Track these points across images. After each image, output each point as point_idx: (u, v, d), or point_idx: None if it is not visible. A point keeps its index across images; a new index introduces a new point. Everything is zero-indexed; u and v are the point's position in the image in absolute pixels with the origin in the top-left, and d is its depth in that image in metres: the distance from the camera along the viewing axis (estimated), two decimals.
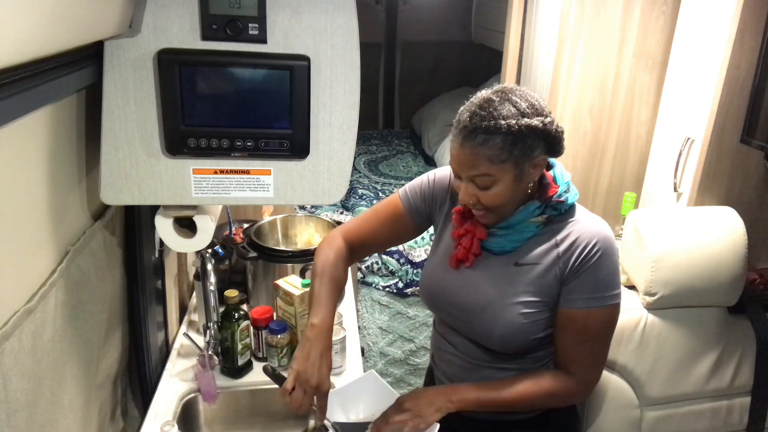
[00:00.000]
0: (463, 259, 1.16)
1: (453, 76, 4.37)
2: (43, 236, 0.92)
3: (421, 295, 1.30)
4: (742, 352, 1.58)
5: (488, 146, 1.00)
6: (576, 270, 1.08)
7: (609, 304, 1.09)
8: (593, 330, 1.11)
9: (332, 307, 1.15)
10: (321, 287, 1.16)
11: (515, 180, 1.04)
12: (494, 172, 1.02)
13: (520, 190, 1.07)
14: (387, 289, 2.50)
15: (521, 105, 1.02)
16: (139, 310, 1.34)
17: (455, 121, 1.06)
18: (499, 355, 1.17)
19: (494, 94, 1.04)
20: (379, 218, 1.29)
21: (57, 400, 0.95)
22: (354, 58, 1.10)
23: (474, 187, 1.06)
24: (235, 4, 1.03)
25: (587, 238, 1.07)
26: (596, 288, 1.08)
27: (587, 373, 1.14)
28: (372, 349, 2.54)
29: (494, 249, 1.15)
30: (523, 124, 1.00)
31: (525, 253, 1.12)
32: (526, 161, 1.03)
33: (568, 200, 1.11)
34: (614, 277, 1.09)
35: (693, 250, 1.48)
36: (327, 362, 1.08)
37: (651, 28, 1.86)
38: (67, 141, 1.01)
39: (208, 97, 1.08)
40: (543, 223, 1.11)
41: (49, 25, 0.70)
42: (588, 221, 1.11)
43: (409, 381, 2.61)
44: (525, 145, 1.01)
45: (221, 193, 1.15)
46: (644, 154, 2.00)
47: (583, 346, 1.12)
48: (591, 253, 1.07)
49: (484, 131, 1.00)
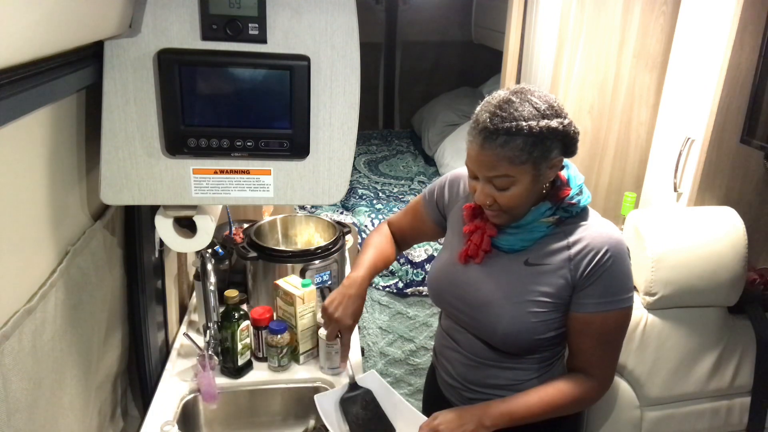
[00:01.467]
0: (472, 255, 1.17)
1: (453, 76, 4.36)
2: (43, 236, 0.92)
3: (429, 289, 1.32)
4: (742, 352, 1.58)
5: (509, 147, 1.00)
6: (589, 276, 1.08)
7: (623, 307, 1.11)
8: (609, 332, 1.13)
9: (370, 267, 1.29)
10: (363, 253, 1.33)
11: (533, 181, 1.05)
12: (514, 173, 1.03)
13: (536, 191, 1.08)
14: (387, 289, 2.50)
15: (541, 106, 1.02)
16: (139, 310, 1.34)
17: (473, 122, 1.06)
18: (503, 355, 1.17)
19: (513, 95, 1.03)
20: (409, 214, 1.40)
21: (57, 400, 0.95)
22: (354, 58, 1.10)
23: (491, 188, 1.06)
24: (235, 4, 1.03)
25: (599, 244, 1.08)
26: (610, 292, 1.09)
27: (605, 373, 1.17)
28: (372, 349, 2.54)
29: (504, 247, 1.15)
30: (543, 125, 1.00)
31: (535, 253, 1.12)
32: (544, 162, 1.04)
33: (581, 203, 1.11)
34: (627, 280, 1.11)
35: (693, 250, 1.48)
36: (352, 304, 1.22)
37: (651, 28, 1.86)
38: (67, 141, 1.01)
39: (208, 97, 1.08)
40: (554, 224, 1.11)
41: (49, 25, 0.70)
42: (600, 226, 1.12)
43: (409, 381, 2.61)
44: (544, 147, 1.02)
45: (221, 193, 1.15)
46: (644, 154, 2.00)
47: (600, 348, 1.14)
48: (603, 260, 1.07)
49: (506, 132, 1.00)
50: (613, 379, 1.19)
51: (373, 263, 1.31)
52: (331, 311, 1.22)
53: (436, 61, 4.37)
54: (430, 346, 2.57)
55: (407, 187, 3.24)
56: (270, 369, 1.51)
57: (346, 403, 1.25)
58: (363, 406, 1.25)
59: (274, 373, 1.51)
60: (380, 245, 1.36)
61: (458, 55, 4.34)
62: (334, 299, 1.23)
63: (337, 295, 1.23)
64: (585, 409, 1.22)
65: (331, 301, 1.23)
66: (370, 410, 1.25)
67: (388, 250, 1.37)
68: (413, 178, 3.39)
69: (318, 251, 1.65)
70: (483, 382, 1.22)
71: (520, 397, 1.14)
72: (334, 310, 1.22)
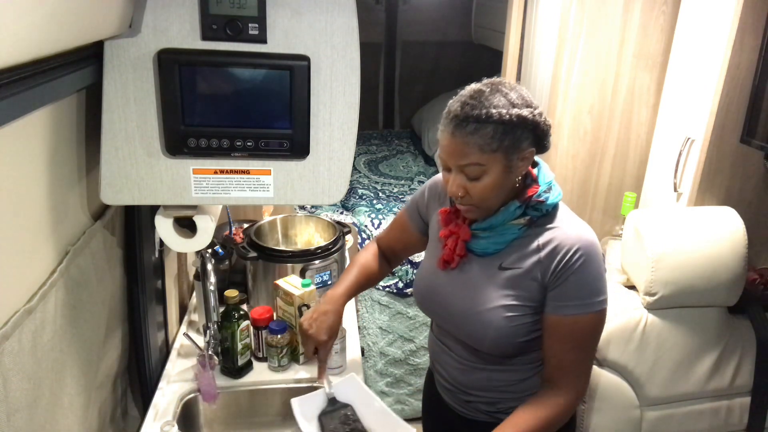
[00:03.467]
0: (448, 260, 1.17)
1: (453, 76, 4.35)
2: (43, 236, 0.92)
3: (415, 297, 1.30)
4: (742, 352, 1.58)
5: (479, 135, 1.01)
6: (558, 276, 1.06)
7: (596, 311, 1.07)
8: (580, 337, 1.09)
9: (350, 285, 1.32)
10: (346, 272, 1.36)
11: (504, 171, 1.04)
12: (484, 162, 1.02)
13: (508, 184, 1.07)
14: (387, 289, 2.50)
15: (511, 96, 1.03)
16: (139, 310, 1.34)
17: (445, 112, 1.06)
18: (492, 358, 1.16)
19: (485, 86, 1.05)
20: (396, 229, 1.40)
21: (57, 400, 0.95)
22: (354, 58, 1.10)
23: (463, 178, 1.05)
24: (235, 4, 1.03)
25: (569, 245, 1.06)
26: (582, 295, 1.06)
27: (575, 383, 1.11)
28: (372, 349, 2.54)
29: (477, 251, 1.14)
30: (513, 113, 1.00)
31: (509, 256, 1.11)
32: (515, 153, 1.03)
33: (548, 200, 1.09)
34: (599, 282, 1.08)
35: (693, 250, 1.48)
36: (327, 320, 1.25)
37: (651, 28, 1.86)
38: (67, 141, 1.01)
39: (208, 97, 1.08)
40: (526, 226, 1.10)
41: (49, 25, 0.70)
42: (570, 226, 1.09)
43: (409, 381, 2.61)
44: (515, 136, 1.02)
45: (221, 193, 1.15)
46: (644, 154, 2.00)
47: (571, 353, 1.10)
48: (573, 260, 1.05)
49: (475, 120, 1.00)
50: (585, 390, 1.13)
51: (354, 281, 1.34)
52: (306, 327, 1.24)
53: (436, 61, 4.37)
54: None
55: (407, 187, 3.24)
56: (270, 369, 1.51)
57: (325, 418, 1.22)
58: (342, 421, 1.22)
59: (274, 373, 1.51)
60: (365, 263, 1.38)
61: (458, 55, 4.34)
62: (310, 316, 1.26)
63: (313, 312, 1.27)
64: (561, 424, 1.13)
65: (307, 318, 1.26)
66: (349, 424, 1.21)
67: (373, 267, 1.39)
68: (413, 178, 3.39)
69: (318, 251, 1.65)
70: (478, 385, 1.21)
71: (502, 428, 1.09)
72: (308, 326, 1.24)
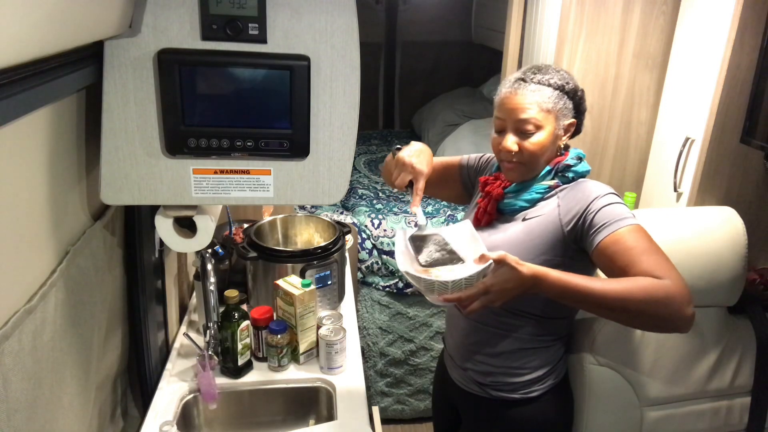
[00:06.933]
0: (480, 217, 1.30)
1: (453, 76, 4.36)
2: (43, 236, 0.92)
3: None
4: (742, 352, 1.58)
5: (539, 94, 1.18)
6: (577, 214, 1.16)
7: (630, 224, 1.12)
8: (637, 245, 1.09)
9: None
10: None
11: (553, 133, 1.20)
12: (541, 119, 1.18)
13: (552, 149, 1.22)
14: (387, 289, 2.50)
15: (564, 74, 1.23)
16: (139, 310, 1.34)
17: (506, 80, 1.24)
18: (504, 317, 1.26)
19: (541, 65, 1.24)
20: (445, 165, 1.49)
21: (57, 400, 0.95)
22: (354, 58, 1.10)
23: (518, 135, 1.19)
24: (235, 4, 1.03)
25: (587, 189, 1.19)
26: (609, 218, 1.12)
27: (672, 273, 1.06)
28: (372, 349, 2.54)
29: (506, 210, 1.28)
30: (570, 84, 1.21)
31: (532, 212, 1.25)
32: (562, 119, 1.21)
33: (576, 168, 1.23)
34: (623, 208, 1.15)
35: (693, 250, 1.48)
36: (426, 156, 1.29)
37: (651, 28, 1.86)
38: (67, 141, 1.01)
39: (208, 97, 1.08)
40: (552, 188, 1.23)
41: (49, 25, 0.70)
42: (593, 183, 1.21)
43: (409, 381, 2.61)
44: (565, 104, 1.20)
45: (221, 193, 1.15)
46: (644, 154, 2.00)
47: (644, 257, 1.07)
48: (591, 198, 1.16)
49: (538, 82, 1.19)
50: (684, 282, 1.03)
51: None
52: (408, 158, 1.26)
53: (436, 61, 4.37)
54: (430, 346, 2.57)
55: None
56: (270, 369, 1.51)
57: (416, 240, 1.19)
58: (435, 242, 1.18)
59: (274, 373, 1.51)
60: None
61: (458, 55, 4.34)
62: (410, 147, 1.30)
63: (412, 145, 1.31)
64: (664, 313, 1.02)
65: (406, 153, 1.28)
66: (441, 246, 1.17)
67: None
68: None
69: (318, 251, 1.65)
70: (477, 348, 1.31)
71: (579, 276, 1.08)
72: (409, 157, 1.26)
